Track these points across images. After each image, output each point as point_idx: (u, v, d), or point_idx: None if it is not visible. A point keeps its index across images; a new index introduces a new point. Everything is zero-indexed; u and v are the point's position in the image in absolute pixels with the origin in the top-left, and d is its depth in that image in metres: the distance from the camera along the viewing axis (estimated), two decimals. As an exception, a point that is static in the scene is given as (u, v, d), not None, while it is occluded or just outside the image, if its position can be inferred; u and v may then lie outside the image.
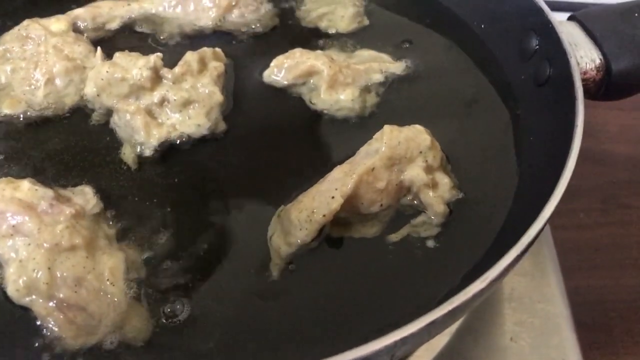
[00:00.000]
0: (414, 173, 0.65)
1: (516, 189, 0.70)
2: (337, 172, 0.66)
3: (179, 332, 0.59)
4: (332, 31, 0.89)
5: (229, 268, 0.63)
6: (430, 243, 0.65)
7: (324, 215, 0.62)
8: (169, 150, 0.73)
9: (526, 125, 0.76)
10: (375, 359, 0.46)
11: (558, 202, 0.56)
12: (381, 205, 0.65)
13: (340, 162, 0.68)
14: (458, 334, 0.70)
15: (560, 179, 0.58)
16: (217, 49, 0.80)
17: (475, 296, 0.49)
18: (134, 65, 0.73)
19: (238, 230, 0.66)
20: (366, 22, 0.91)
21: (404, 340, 0.46)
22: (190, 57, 0.75)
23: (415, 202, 0.67)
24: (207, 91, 0.74)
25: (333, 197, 0.63)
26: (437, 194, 0.66)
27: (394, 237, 0.66)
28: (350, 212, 0.65)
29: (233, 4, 0.86)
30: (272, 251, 0.64)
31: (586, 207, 1.02)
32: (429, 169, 0.66)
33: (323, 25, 0.90)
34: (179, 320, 0.59)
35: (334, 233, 0.65)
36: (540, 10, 0.76)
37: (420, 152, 0.66)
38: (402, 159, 0.66)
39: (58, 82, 0.77)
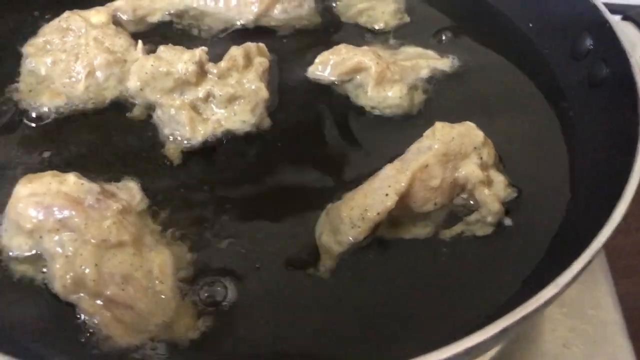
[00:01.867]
0: (469, 170, 0.64)
1: (571, 191, 0.68)
2: (389, 170, 0.64)
3: (226, 331, 0.57)
4: (372, 27, 0.87)
5: (275, 266, 0.62)
6: (487, 238, 0.63)
7: (378, 213, 0.60)
8: (213, 146, 0.71)
9: (579, 126, 0.73)
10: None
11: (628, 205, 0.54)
12: (435, 203, 0.63)
13: (388, 160, 0.66)
14: (509, 340, 0.68)
15: (629, 182, 0.56)
16: (261, 44, 0.78)
17: (548, 301, 0.47)
18: (179, 60, 0.72)
19: (283, 227, 0.65)
20: (407, 19, 0.89)
21: (478, 347, 0.44)
22: (236, 52, 0.74)
23: (471, 201, 0.65)
24: (252, 87, 0.72)
25: (387, 195, 0.61)
26: (493, 192, 0.64)
27: (447, 234, 0.64)
28: (402, 211, 0.63)
29: (276, -1, 0.84)
30: (322, 251, 0.62)
31: (630, 211, 0.99)
32: (483, 166, 0.64)
33: (362, 20, 0.88)
34: (226, 319, 0.58)
35: (385, 234, 0.63)
36: (596, 10, 0.73)
37: (475, 148, 0.64)
38: (456, 156, 0.64)
39: (99, 75, 0.76)
